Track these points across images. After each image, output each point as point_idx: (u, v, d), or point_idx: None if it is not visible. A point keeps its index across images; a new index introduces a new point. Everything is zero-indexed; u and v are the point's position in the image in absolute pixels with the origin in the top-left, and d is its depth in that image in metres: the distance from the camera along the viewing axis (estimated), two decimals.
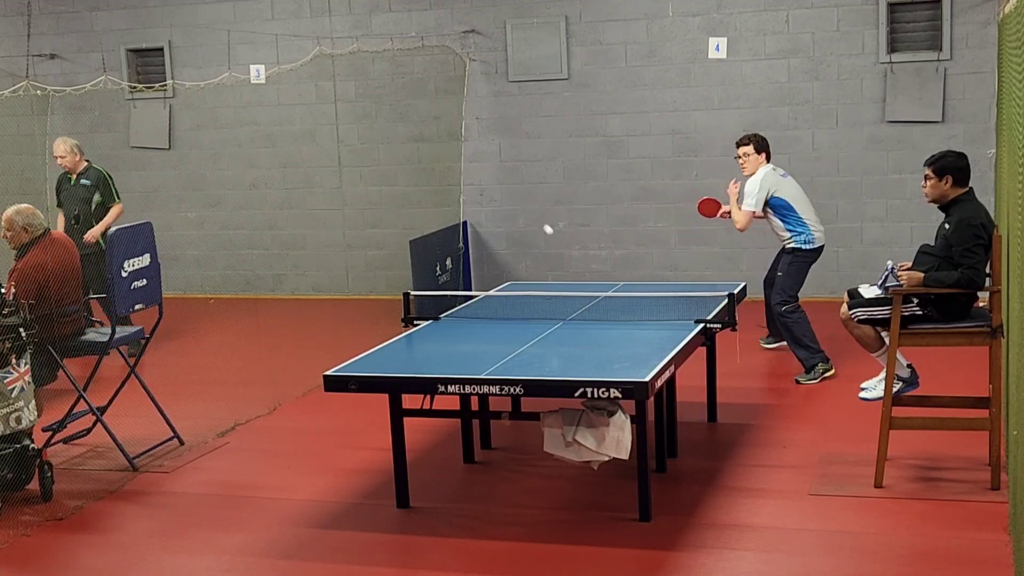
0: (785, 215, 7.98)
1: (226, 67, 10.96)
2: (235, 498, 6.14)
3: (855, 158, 10.32)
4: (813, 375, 7.81)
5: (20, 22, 12.01)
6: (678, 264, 10.84)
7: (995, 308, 5.64)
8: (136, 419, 7.10)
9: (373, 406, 6.42)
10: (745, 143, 8.19)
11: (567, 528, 5.47)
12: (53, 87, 10.70)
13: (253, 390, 8.23)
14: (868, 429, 6.10)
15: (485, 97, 11.18)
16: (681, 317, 6.37)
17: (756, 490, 5.87)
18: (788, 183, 8.13)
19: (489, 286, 9.76)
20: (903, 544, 5.08)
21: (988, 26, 9.70)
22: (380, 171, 11.63)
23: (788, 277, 7.99)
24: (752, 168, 8.14)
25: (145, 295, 6.81)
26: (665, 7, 10.58)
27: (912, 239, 9.44)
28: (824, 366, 7.85)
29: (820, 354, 7.86)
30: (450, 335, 6.47)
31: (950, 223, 5.85)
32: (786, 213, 7.98)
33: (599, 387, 5.09)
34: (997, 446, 5.60)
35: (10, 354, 5.91)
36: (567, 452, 5.45)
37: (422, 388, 5.52)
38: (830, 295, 10.19)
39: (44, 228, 6.76)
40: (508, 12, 10.98)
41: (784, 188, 8.05)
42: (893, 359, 5.78)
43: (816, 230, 8.00)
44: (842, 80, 10.23)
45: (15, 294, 6.12)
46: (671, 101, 10.68)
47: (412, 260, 9.65)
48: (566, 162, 11.05)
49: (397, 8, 11.29)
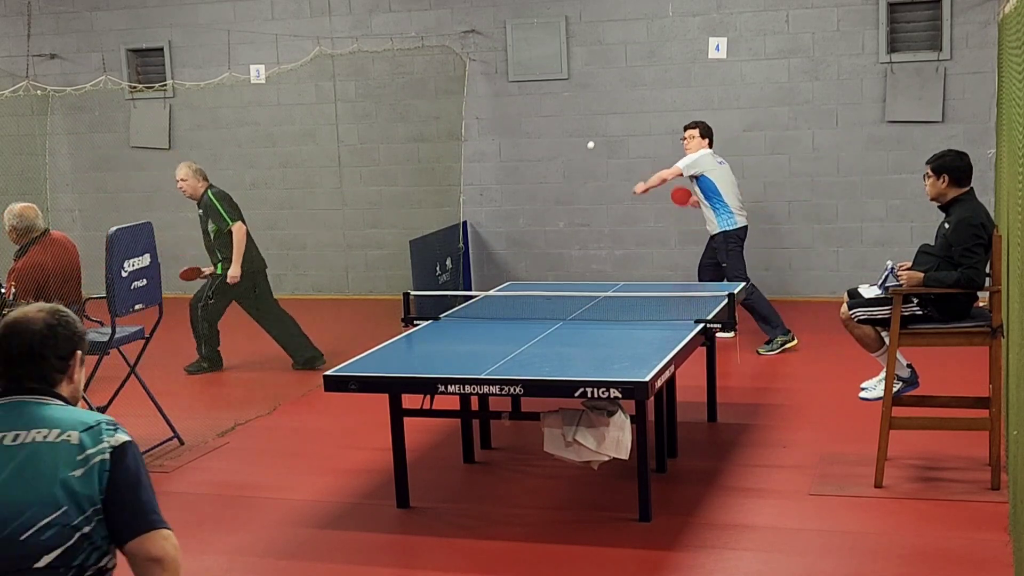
0: (710, 196, 8.69)
1: (226, 67, 10.96)
2: (235, 498, 6.14)
3: (855, 158, 10.32)
4: (773, 346, 8.46)
5: (20, 22, 12.00)
6: (678, 264, 10.84)
7: (995, 308, 5.64)
8: (136, 419, 7.09)
9: (373, 406, 6.43)
10: (692, 127, 8.93)
11: (567, 528, 5.47)
12: (53, 87, 10.71)
13: (253, 390, 8.23)
14: (868, 429, 6.10)
15: (485, 97, 11.18)
16: (681, 317, 6.37)
17: (756, 490, 5.87)
18: (722, 170, 8.81)
19: (489, 286, 9.75)
20: (903, 544, 5.08)
21: (988, 26, 9.70)
22: (380, 171, 11.63)
23: (732, 262, 8.63)
24: (694, 149, 8.87)
25: (145, 295, 6.81)
26: (665, 7, 10.58)
27: (912, 239, 9.44)
28: (784, 338, 8.51)
29: (781, 326, 8.51)
30: (450, 335, 6.47)
31: (950, 223, 5.85)
32: (711, 195, 8.69)
33: (599, 387, 5.09)
34: (997, 446, 5.60)
35: None
36: (567, 452, 5.45)
37: (422, 388, 5.53)
38: (830, 295, 10.19)
39: (44, 228, 6.77)
40: (508, 12, 10.98)
41: (716, 173, 8.74)
42: (893, 359, 5.78)
43: (738, 214, 8.75)
44: (842, 80, 10.23)
45: (15, 294, 6.12)
46: (671, 101, 10.68)
47: (412, 260, 9.65)
48: (566, 162, 11.05)
49: (397, 8, 11.29)
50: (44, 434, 2.78)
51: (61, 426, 2.79)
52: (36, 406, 2.84)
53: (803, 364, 8.38)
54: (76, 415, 2.85)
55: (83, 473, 2.74)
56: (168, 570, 2.81)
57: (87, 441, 2.77)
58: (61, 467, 2.73)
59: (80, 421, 2.82)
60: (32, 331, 2.89)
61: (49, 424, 2.80)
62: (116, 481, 2.76)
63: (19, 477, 2.72)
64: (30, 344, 2.88)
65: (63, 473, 2.72)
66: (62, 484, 2.71)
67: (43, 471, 2.73)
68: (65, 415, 2.84)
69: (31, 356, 2.88)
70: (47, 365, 2.89)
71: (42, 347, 2.88)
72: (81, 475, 2.73)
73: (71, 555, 2.70)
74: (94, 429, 2.81)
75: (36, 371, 2.89)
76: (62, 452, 2.75)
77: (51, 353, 2.90)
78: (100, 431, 2.81)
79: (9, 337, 2.88)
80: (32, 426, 2.79)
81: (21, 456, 2.75)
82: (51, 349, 2.89)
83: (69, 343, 2.95)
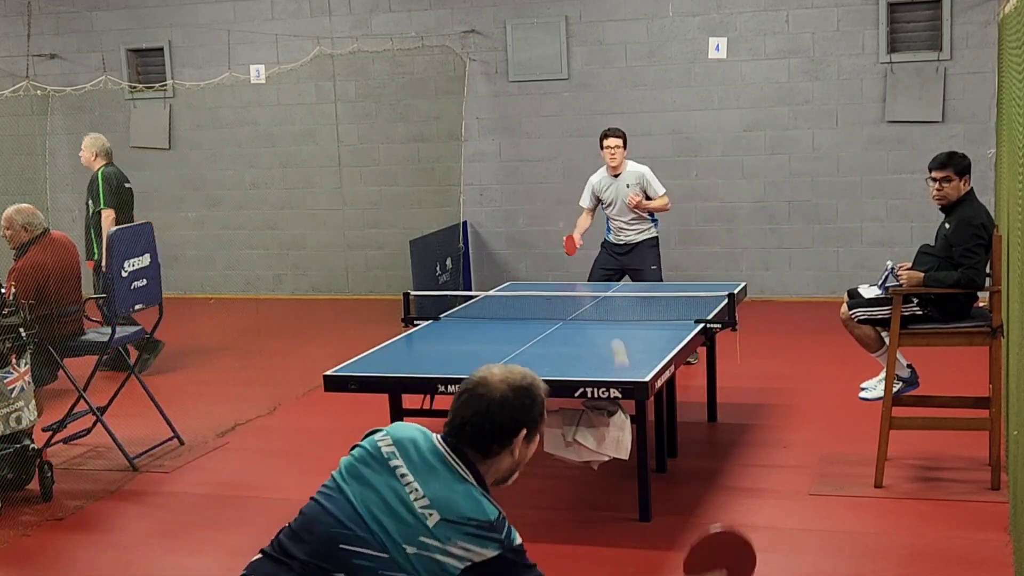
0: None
1: (226, 67, 10.96)
2: (235, 498, 6.14)
3: (855, 158, 10.32)
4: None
5: (20, 22, 12.01)
6: (678, 264, 10.83)
7: (995, 308, 5.64)
8: (136, 419, 7.10)
9: (373, 406, 6.42)
10: (617, 135, 8.39)
11: (567, 528, 5.47)
12: (53, 87, 10.70)
13: (253, 390, 8.23)
14: (868, 429, 6.10)
15: (485, 97, 11.18)
16: (681, 317, 6.37)
17: (756, 490, 5.87)
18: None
19: (489, 286, 9.75)
20: (903, 544, 5.08)
21: (988, 26, 9.70)
22: (380, 171, 11.63)
23: (659, 267, 8.47)
24: (622, 160, 8.40)
25: (145, 295, 6.82)
26: (665, 7, 10.58)
27: (912, 239, 9.43)
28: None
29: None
30: (450, 335, 6.47)
31: (950, 223, 5.84)
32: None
33: (599, 387, 5.09)
34: (997, 446, 5.60)
35: (10, 354, 5.91)
36: (567, 452, 5.44)
37: (422, 388, 5.53)
38: (830, 295, 10.19)
39: (43, 228, 6.76)
40: (508, 12, 10.98)
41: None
42: (893, 359, 5.78)
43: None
44: (842, 80, 10.23)
45: (15, 294, 6.12)
46: (671, 101, 10.68)
47: (412, 260, 9.65)
48: (566, 162, 11.05)
49: (397, 8, 11.29)
50: (429, 511, 2.75)
51: (447, 513, 2.75)
52: (451, 476, 2.80)
53: (803, 364, 8.38)
54: (476, 505, 2.77)
55: (431, 552, 2.72)
56: None
57: (463, 539, 2.73)
58: (413, 529, 2.73)
59: (469, 518, 2.75)
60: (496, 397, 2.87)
61: (439, 506, 2.75)
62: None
63: (379, 499, 2.77)
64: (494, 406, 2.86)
65: (413, 536, 2.73)
66: (406, 540, 2.72)
67: (400, 514, 2.75)
68: (465, 502, 2.77)
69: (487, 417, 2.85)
70: (498, 431, 2.85)
71: (498, 413, 2.85)
72: (428, 553, 2.72)
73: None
74: (480, 527, 2.74)
75: (487, 433, 2.85)
76: (426, 521, 2.74)
77: (507, 418, 2.85)
78: (485, 540, 2.74)
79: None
80: (430, 494, 2.77)
81: (390, 489, 2.78)
82: (506, 415, 2.85)
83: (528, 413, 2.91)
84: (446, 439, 2.89)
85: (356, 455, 2.95)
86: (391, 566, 2.72)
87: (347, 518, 2.80)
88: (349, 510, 2.81)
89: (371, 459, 2.89)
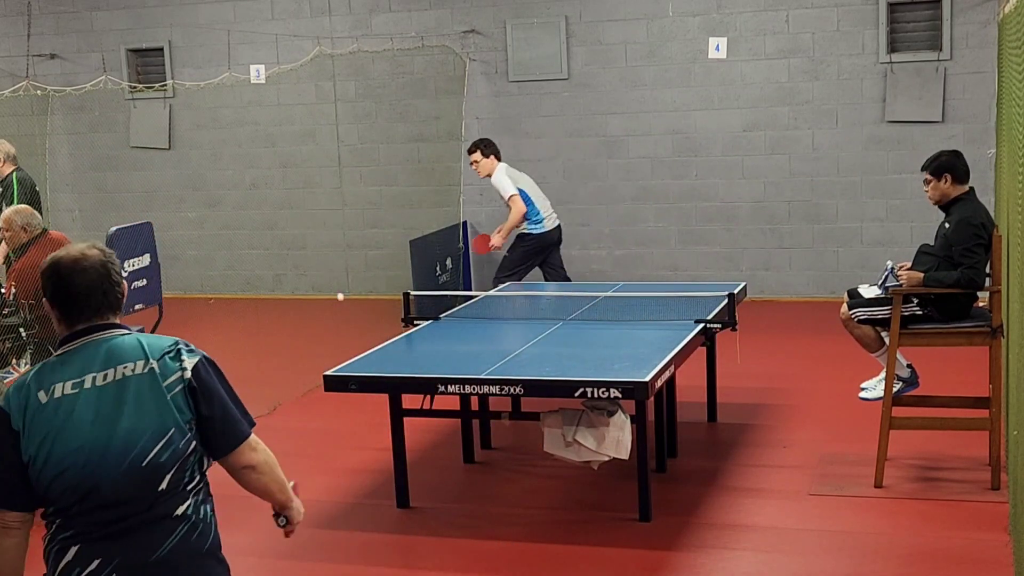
0: (527, 203, 8.93)
1: (226, 67, 10.95)
2: (235, 498, 6.10)
3: (855, 158, 10.31)
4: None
5: (20, 22, 12.01)
6: (678, 264, 10.84)
7: (995, 308, 5.64)
8: None
9: (373, 406, 6.43)
10: (472, 151, 9.10)
11: (567, 528, 5.47)
12: (53, 87, 10.70)
13: (253, 390, 8.18)
14: (868, 429, 6.10)
15: (485, 97, 11.18)
16: (681, 317, 6.37)
17: (756, 490, 5.87)
18: (525, 177, 9.15)
19: (489, 286, 9.75)
20: (903, 544, 5.08)
21: (988, 26, 9.70)
22: (380, 171, 11.63)
23: (513, 258, 8.97)
24: (488, 169, 9.04)
25: (145, 295, 6.83)
26: (665, 7, 10.58)
27: (912, 239, 9.43)
28: None
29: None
30: (450, 335, 6.47)
31: (950, 223, 5.85)
32: (527, 203, 8.93)
33: (599, 387, 5.09)
34: (997, 446, 5.60)
35: (10, 354, 5.91)
36: (567, 452, 5.45)
37: (422, 388, 5.53)
38: (830, 295, 10.19)
39: (42, 228, 6.77)
40: (508, 12, 10.97)
41: (522, 181, 9.03)
42: (893, 359, 5.78)
43: (548, 217, 9.06)
44: (842, 80, 10.23)
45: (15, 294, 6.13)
46: (671, 101, 10.68)
47: (412, 260, 9.65)
48: (566, 162, 11.05)
49: (397, 8, 11.29)
50: (132, 367, 2.88)
51: (144, 356, 2.90)
52: (111, 341, 2.91)
53: (803, 364, 8.38)
54: (152, 342, 2.95)
55: (174, 395, 2.89)
56: (263, 472, 3.26)
57: (171, 365, 2.91)
58: (157, 394, 2.87)
59: (159, 347, 2.93)
60: (93, 266, 2.92)
61: (133, 357, 2.89)
62: (201, 399, 2.95)
63: (124, 410, 2.84)
64: (95, 279, 2.92)
65: (161, 399, 2.87)
66: (163, 409, 2.86)
67: (143, 401, 2.86)
68: (142, 344, 2.92)
69: (96, 291, 2.92)
70: (111, 298, 2.95)
71: (104, 280, 2.93)
72: (172, 397, 2.89)
73: (183, 471, 2.94)
74: (173, 352, 2.94)
75: (103, 306, 2.93)
76: (154, 380, 2.88)
77: (111, 286, 2.94)
78: (180, 353, 2.95)
79: (72, 275, 2.90)
80: (117, 362, 2.88)
81: (119, 391, 2.85)
82: (110, 282, 2.94)
83: (118, 275, 3.02)
84: (77, 337, 2.94)
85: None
86: (177, 437, 2.94)
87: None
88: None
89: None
